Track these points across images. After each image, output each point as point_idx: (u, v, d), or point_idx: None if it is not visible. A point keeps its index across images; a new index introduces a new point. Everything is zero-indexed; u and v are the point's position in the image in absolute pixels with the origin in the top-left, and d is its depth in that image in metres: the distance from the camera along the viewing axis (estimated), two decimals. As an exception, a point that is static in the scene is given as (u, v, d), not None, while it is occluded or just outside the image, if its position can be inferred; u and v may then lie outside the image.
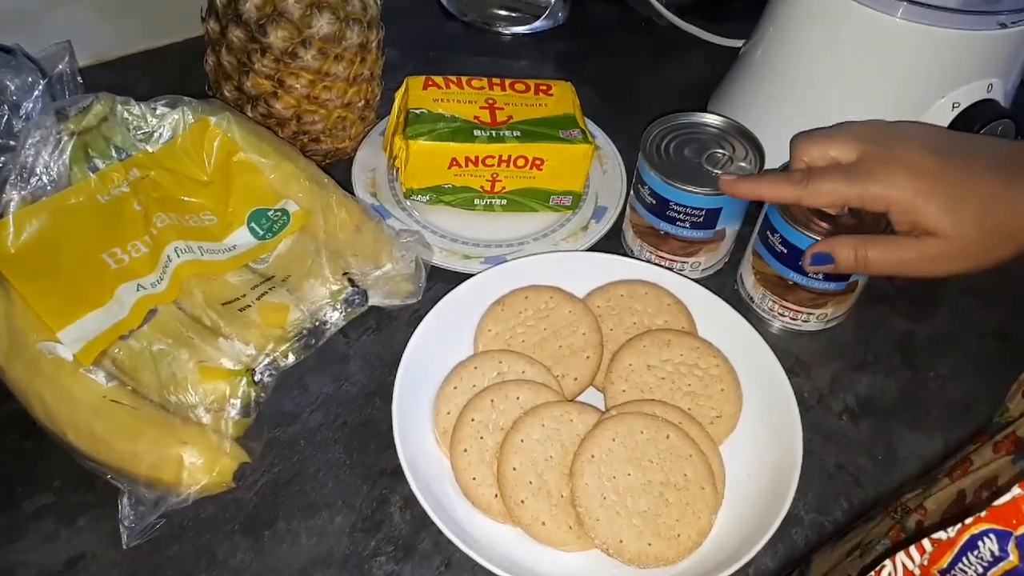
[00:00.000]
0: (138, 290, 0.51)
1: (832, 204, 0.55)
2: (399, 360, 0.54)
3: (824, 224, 0.57)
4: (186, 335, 0.50)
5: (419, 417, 0.54)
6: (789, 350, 0.62)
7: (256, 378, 0.50)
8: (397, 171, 0.67)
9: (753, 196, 0.58)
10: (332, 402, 0.57)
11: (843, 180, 0.53)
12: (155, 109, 0.58)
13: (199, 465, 0.47)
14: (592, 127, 0.71)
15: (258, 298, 0.53)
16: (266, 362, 0.51)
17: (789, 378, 0.55)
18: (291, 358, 0.53)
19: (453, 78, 0.68)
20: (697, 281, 0.61)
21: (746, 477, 0.53)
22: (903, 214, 0.52)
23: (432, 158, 0.64)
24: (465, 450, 0.52)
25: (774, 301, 0.62)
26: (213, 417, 0.48)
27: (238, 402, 0.49)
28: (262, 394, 0.51)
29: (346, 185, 0.65)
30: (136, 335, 0.50)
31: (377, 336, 0.61)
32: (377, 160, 0.71)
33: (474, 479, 0.51)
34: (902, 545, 0.34)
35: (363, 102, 0.68)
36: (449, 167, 0.64)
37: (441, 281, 0.62)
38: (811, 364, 0.62)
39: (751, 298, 0.64)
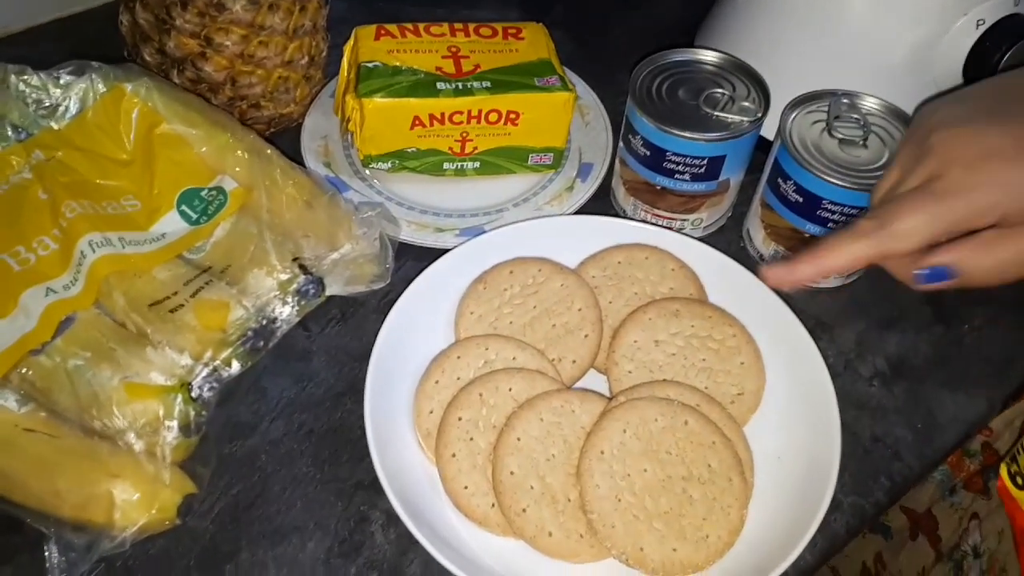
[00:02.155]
0: (47, 295, 0.44)
1: (927, 242, 0.40)
2: (370, 354, 0.48)
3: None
4: (107, 346, 0.42)
5: (397, 419, 0.48)
6: (808, 311, 0.56)
7: (193, 393, 0.42)
8: (352, 136, 0.59)
9: (819, 274, 0.43)
10: (295, 407, 0.51)
11: (929, 207, 0.39)
12: (58, 78, 0.50)
13: (134, 502, 0.40)
14: (569, 75, 0.63)
15: (192, 295, 0.45)
16: (204, 373, 0.43)
17: (812, 343, 0.49)
18: (235, 366, 0.45)
19: (409, 26, 0.61)
20: (701, 240, 0.54)
21: (776, 461, 0.47)
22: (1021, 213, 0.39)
23: (391, 118, 0.56)
24: (453, 455, 0.46)
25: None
26: (147, 442, 0.41)
27: (174, 423, 0.41)
28: (203, 411, 0.43)
29: (295, 156, 0.58)
30: (48, 350, 0.42)
31: (343, 327, 0.54)
32: (329, 125, 0.63)
33: (466, 488, 0.45)
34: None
35: (307, 59, 0.60)
36: (411, 127, 0.57)
37: (412, 259, 0.56)
38: (833, 325, 0.56)
39: (761, 255, 0.58)
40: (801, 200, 0.52)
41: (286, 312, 0.48)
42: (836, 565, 0.64)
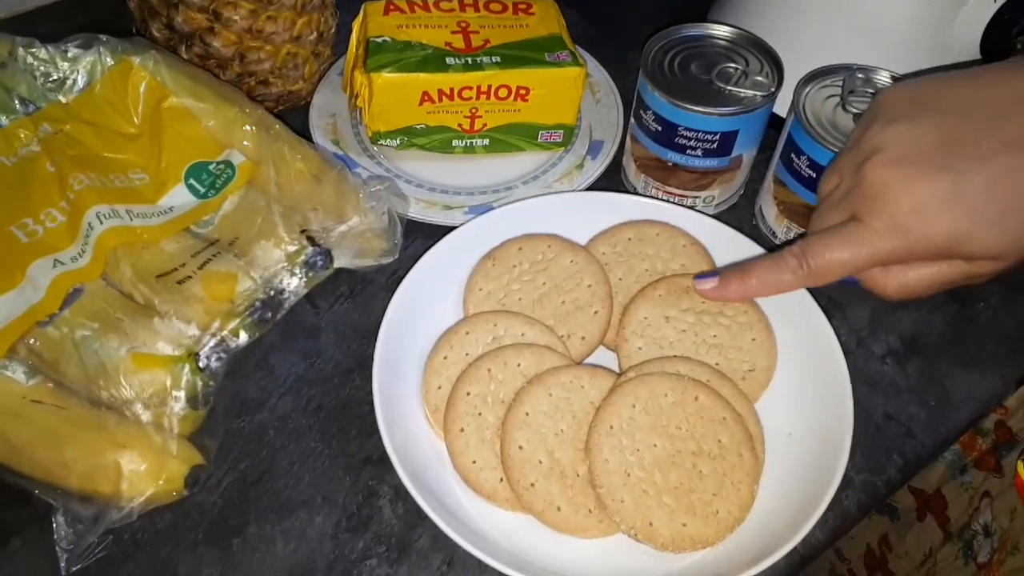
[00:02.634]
0: (55, 266, 0.44)
1: (846, 276, 0.44)
2: (378, 330, 0.47)
3: None
4: (115, 317, 0.42)
5: (405, 394, 0.47)
6: (820, 290, 0.54)
7: (201, 363, 0.42)
8: (360, 112, 0.58)
9: (745, 296, 0.49)
10: (303, 383, 0.50)
11: (848, 253, 0.42)
12: (66, 51, 0.50)
13: (141, 472, 0.39)
14: (580, 52, 0.63)
15: (200, 267, 0.45)
16: (212, 343, 0.43)
17: (824, 321, 0.49)
18: (243, 336, 0.45)
19: (418, 1, 0.60)
20: (714, 217, 0.54)
21: (788, 438, 0.46)
22: (938, 262, 0.42)
23: (400, 93, 0.55)
24: (462, 429, 0.45)
25: (801, 235, 0.55)
26: (154, 413, 0.41)
27: (182, 394, 0.41)
28: (211, 382, 0.43)
29: (303, 133, 0.57)
30: (56, 321, 0.42)
31: (351, 304, 0.54)
32: (337, 103, 0.62)
33: (474, 462, 0.45)
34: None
35: (315, 35, 0.59)
36: (420, 103, 0.56)
37: (420, 236, 0.56)
38: (846, 303, 0.55)
39: (773, 233, 0.57)
40: (815, 175, 0.51)
41: (294, 283, 0.47)
42: (840, 547, 0.64)
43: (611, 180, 0.61)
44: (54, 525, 0.41)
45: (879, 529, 0.64)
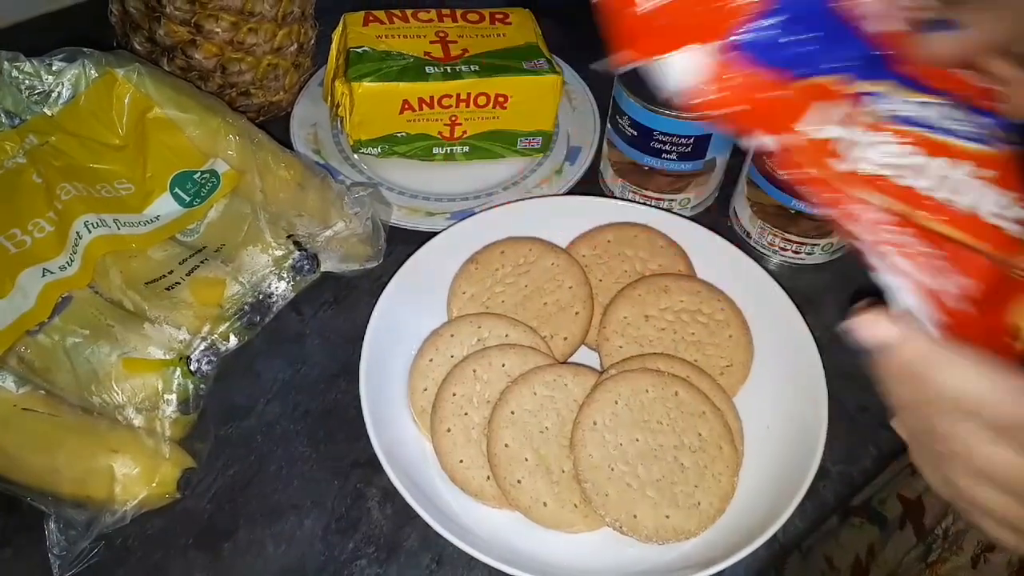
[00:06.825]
0: (44, 275, 0.44)
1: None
2: (363, 335, 0.48)
3: None
4: (105, 323, 0.42)
5: (392, 397, 0.48)
6: (794, 287, 0.56)
7: (192, 367, 0.43)
8: (341, 121, 0.59)
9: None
10: (290, 389, 0.51)
11: None
12: (50, 65, 0.50)
13: (134, 476, 0.40)
14: (556, 61, 0.64)
15: (188, 273, 0.46)
16: (202, 347, 0.43)
17: (799, 317, 0.50)
18: (233, 340, 0.45)
19: (397, 12, 0.61)
20: (690, 219, 0.55)
21: (765, 431, 0.48)
22: None
23: (380, 102, 0.56)
24: (448, 429, 0.46)
25: (774, 235, 0.56)
26: (146, 418, 0.41)
27: (174, 397, 0.42)
28: (202, 385, 0.44)
29: (284, 143, 0.58)
30: (46, 329, 0.42)
31: (336, 309, 0.55)
32: (318, 113, 0.63)
33: (461, 461, 0.46)
34: None
35: (295, 46, 0.60)
36: (401, 112, 0.57)
37: (403, 243, 0.56)
38: (819, 300, 0.57)
39: (748, 233, 0.59)
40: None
41: (282, 287, 0.48)
42: (831, 555, 0.64)
43: (590, 185, 0.62)
44: (46, 532, 0.41)
45: (869, 539, 0.65)
